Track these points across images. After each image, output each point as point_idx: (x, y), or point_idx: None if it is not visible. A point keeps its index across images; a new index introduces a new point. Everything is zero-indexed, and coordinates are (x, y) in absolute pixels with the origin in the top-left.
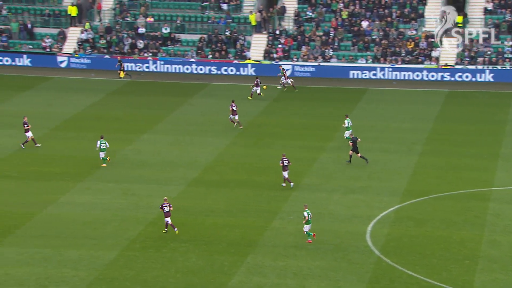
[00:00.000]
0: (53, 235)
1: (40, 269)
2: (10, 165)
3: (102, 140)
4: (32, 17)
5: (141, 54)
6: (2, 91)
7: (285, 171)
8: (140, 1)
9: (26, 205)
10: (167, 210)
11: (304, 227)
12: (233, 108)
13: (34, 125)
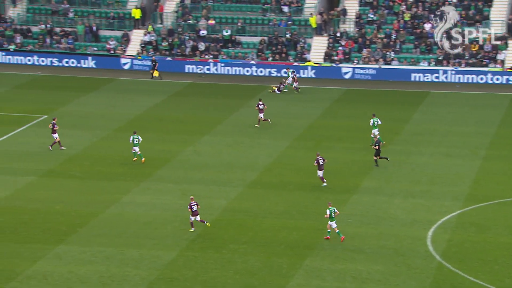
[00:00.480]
0: (115, 234)
1: (103, 268)
2: (74, 165)
3: (135, 136)
4: (98, 20)
5: (202, 56)
6: (67, 92)
7: (320, 170)
8: (202, 3)
9: (89, 205)
10: (195, 209)
11: (331, 224)
12: (260, 106)
13: (97, 126)
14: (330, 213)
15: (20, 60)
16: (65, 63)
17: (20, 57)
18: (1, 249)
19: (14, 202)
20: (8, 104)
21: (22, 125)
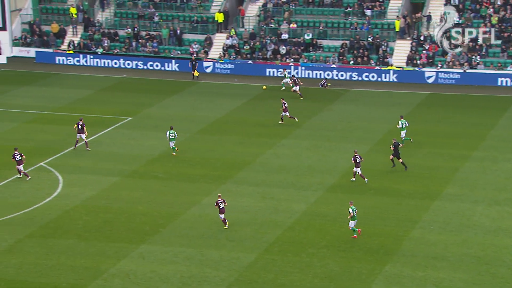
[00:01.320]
0: (196, 235)
1: (184, 268)
2: (157, 167)
3: (172, 131)
4: (182, 24)
5: (283, 59)
6: (151, 95)
7: (357, 167)
8: (284, 7)
9: (171, 205)
10: (222, 207)
11: (349, 223)
12: (285, 105)
13: (179, 128)
14: (352, 212)
15: (107, 63)
16: (150, 66)
17: (107, 60)
18: (87, 247)
19: (99, 201)
20: (95, 106)
21: (108, 126)
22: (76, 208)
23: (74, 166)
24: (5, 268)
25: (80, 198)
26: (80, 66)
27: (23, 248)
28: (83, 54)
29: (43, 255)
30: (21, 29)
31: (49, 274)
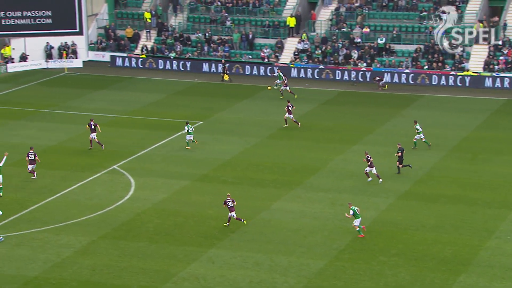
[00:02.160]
0: (264, 240)
1: (253, 273)
2: (227, 171)
3: (189, 125)
4: (253, 28)
5: (355, 64)
6: (222, 99)
7: (371, 167)
8: (357, 11)
9: (241, 210)
10: (230, 205)
11: (354, 222)
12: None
13: (250, 132)
14: (354, 212)
15: (179, 67)
16: (221, 71)
17: (179, 64)
18: (158, 250)
19: (170, 204)
20: (167, 110)
21: (179, 130)
22: (147, 211)
23: (146, 169)
24: (80, 269)
25: (151, 201)
26: (153, 70)
27: (97, 250)
28: (156, 59)
29: (116, 257)
30: (96, 33)
31: (121, 276)
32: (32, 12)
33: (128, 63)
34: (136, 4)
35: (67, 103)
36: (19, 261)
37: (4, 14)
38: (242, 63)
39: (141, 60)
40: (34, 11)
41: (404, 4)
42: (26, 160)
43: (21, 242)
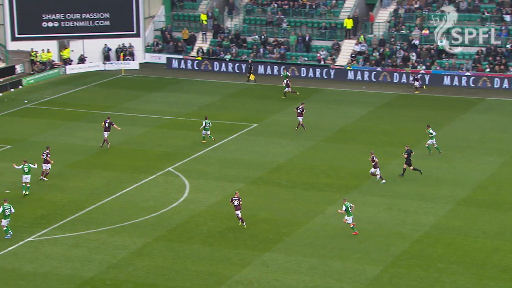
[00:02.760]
0: (319, 245)
1: (308, 278)
2: (282, 174)
3: (207, 121)
4: (310, 30)
5: (414, 66)
6: (277, 101)
7: (376, 168)
8: (416, 13)
9: (295, 214)
10: (236, 204)
11: (347, 218)
12: (298, 110)
13: (305, 135)
14: (346, 208)
15: (235, 69)
16: (276, 73)
17: (234, 66)
18: (212, 252)
19: (224, 207)
20: (222, 112)
21: (234, 132)
22: (201, 213)
23: (200, 172)
24: (135, 271)
25: (205, 203)
26: (208, 72)
27: (151, 252)
28: (211, 60)
29: (170, 259)
30: (153, 35)
31: (175, 278)
32: (90, 14)
33: (184, 65)
34: (192, 6)
35: (123, 104)
36: (76, 262)
37: (63, 17)
38: (298, 65)
39: (197, 62)
40: (93, 13)
41: (465, 6)
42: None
43: (78, 242)
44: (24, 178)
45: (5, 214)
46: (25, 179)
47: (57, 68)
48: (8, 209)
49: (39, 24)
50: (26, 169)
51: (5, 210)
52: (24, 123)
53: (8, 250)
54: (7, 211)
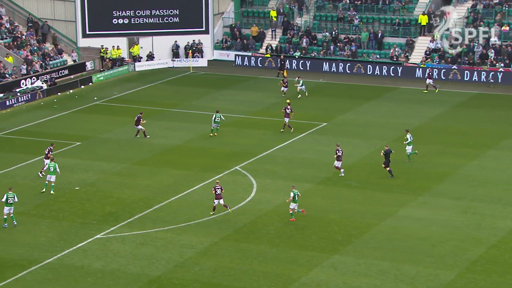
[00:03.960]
0: (390, 248)
1: (377, 282)
2: (351, 174)
3: (218, 114)
4: (382, 27)
5: (493, 64)
6: (348, 100)
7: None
8: (496, 8)
9: (365, 216)
10: (218, 193)
11: (293, 206)
12: (287, 111)
13: (376, 135)
14: (294, 195)
15: (304, 67)
16: (347, 70)
17: (304, 64)
18: (279, 253)
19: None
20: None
21: (303, 132)
22: (268, 213)
23: (268, 171)
24: (201, 270)
25: (272, 203)
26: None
27: (218, 251)
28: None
29: (237, 259)
30: (222, 32)
31: (242, 279)
32: (160, 11)
33: (254, 62)
34: (262, 3)
35: (191, 102)
36: (143, 260)
37: (133, 13)
38: (369, 63)
39: (260, 59)
40: (162, 10)
41: None
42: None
43: (145, 241)
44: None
45: (8, 202)
46: (48, 178)
47: (126, 65)
48: (11, 197)
49: (109, 21)
50: (51, 168)
51: (9, 198)
52: (93, 120)
53: (78, 247)
54: (10, 199)
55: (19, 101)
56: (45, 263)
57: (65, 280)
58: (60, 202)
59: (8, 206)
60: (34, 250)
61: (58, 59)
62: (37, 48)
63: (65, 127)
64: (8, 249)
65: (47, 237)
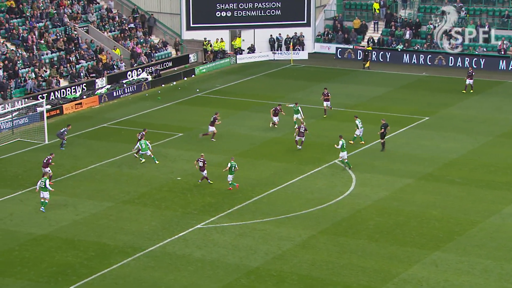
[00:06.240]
0: (494, 246)
1: (481, 281)
2: (454, 170)
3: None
4: (490, 19)
5: None
6: (451, 94)
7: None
8: None
9: (468, 212)
10: (201, 165)
11: (228, 177)
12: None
13: (480, 130)
14: (231, 166)
15: (407, 60)
16: (452, 64)
17: (407, 57)
18: (378, 249)
19: (391, 203)
20: (392, 104)
21: (404, 126)
22: (367, 208)
23: (368, 165)
24: (299, 263)
25: (372, 198)
26: (379, 63)
27: (316, 244)
28: (383, 51)
29: (335, 253)
30: (324, 25)
31: (340, 273)
32: (262, 3)
33: (354, 55)
34: None
35: (291, 95)
36: (242, 251)
37: (236, 6)
38: (475, 56)
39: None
40: (265, 2)
41: None
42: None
43: (244, 232)
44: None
45: (41, 186)
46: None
47: (228, 58)
48: (43, 182)
49: (213, 13)
50: (143, 145)
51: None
52: (195, 112)
53: (179, 236)
54: (42, 184)
55: (125, 92)
56: (148, 251)
57: (167, 268)
58: (163, 191)
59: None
60: (138, 238)
61: (162, 52)
62: (143, 41)
63: (168, 118)
64: (114, 236)
65: (150, 225)
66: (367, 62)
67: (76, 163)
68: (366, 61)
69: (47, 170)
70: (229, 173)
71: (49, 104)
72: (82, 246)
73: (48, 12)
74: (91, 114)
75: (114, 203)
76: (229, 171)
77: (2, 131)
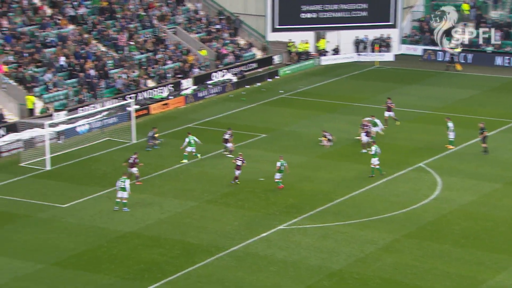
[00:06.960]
0: None
1: None
2: None
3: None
4: None
5: None
6: None
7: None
8: None
9: None
10: (239, 164)
11: (275, 175)
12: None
13: None
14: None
15: (498, 62)
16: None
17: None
18: (464, 254)
19: (479, 207)
20: (478, 107)
21: (493, 129)
22: (453, 212)
23: (454, 169)
24: (383, 266)
25: (458, 202)
26: (467, 64)
27: (400, 248)
28: (471, 53)
29: (419, 258)
30: (411, 26)
31: (424, 277)
32: (348, 5)
33: (442, 57)
34: None
35: (376, 97)
36: (324, 253)
37: (321, 8)
38: None
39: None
40: (350, 4)
41: None
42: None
43: (327, 234)
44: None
45: (121, 187)
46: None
47: (313, 59)
48: (123, 182)
49: (297, 15)
50: (192, 141)
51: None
52: (279, 113)
53: (261, 236)
54: (122, 184)
55: (210, 93)
56: (231, 251)
57: (249, 268)
58: (245, 192)
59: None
60: (221, 237)
61: (248, 53)
62: (229, 42)
63: (252, 119)
64: (198, 235)
65: (233, 225)
66: (455, 64)
67: (162, 162)
68: (453, 63)
69: (134, 171)
70: (278, 172)
71: (137, 104)
72: (167, 244)
73: (138, 14)
74: (177, 114)
75: (198, 202)
76: (278, 170)
77: (92, 130)
